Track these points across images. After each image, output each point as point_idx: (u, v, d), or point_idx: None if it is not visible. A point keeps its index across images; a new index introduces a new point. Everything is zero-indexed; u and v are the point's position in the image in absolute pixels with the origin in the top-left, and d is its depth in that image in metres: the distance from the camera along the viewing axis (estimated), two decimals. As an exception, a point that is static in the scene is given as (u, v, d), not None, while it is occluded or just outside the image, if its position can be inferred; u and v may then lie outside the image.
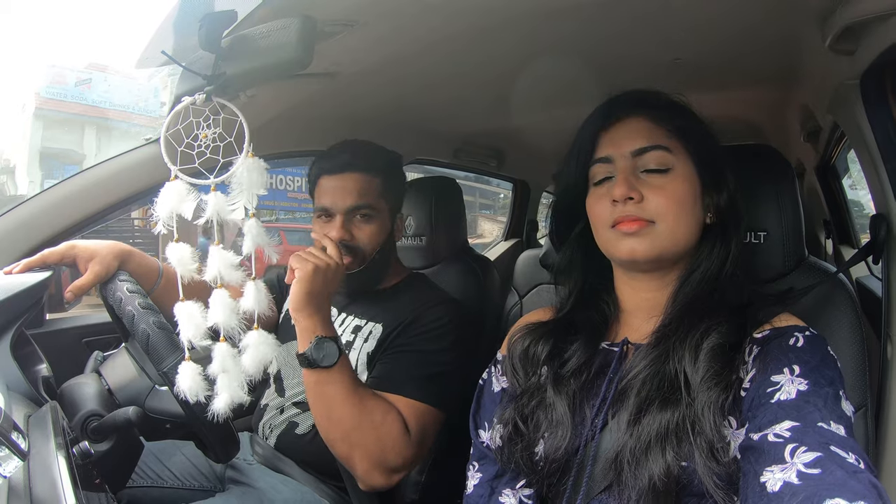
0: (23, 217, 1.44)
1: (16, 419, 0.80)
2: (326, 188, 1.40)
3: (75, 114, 19.43)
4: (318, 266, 1.21)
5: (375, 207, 1.41)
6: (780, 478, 0.67)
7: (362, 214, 1.39)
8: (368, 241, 1.40)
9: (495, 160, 2.65)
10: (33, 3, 46.44)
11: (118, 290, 1.12)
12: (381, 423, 1.20)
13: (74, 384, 1.09)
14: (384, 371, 1.33)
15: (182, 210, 0.85)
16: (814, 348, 0.80)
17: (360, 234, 1.39)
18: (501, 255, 2.94)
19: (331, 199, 1.39)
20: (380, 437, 1.20)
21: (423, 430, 1.26)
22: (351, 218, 1.39)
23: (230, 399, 0.92)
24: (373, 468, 1.21)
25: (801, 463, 0.67)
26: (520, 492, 0.98)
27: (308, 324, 1.19)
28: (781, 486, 0.67)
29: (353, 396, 1.19)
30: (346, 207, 1.38)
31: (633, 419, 0.84)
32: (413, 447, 1.23)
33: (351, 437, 1.21)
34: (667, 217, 0.88)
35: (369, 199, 1.39)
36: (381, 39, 1.15)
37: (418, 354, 1.33)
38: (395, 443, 1.21)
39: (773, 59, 1.40)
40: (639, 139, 0.91)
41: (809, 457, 0.67)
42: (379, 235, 1.41)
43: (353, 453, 1.21)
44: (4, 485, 0.68)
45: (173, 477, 1.45)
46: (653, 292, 0.95)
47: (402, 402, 1.26)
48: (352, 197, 1.38)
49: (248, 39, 0.90)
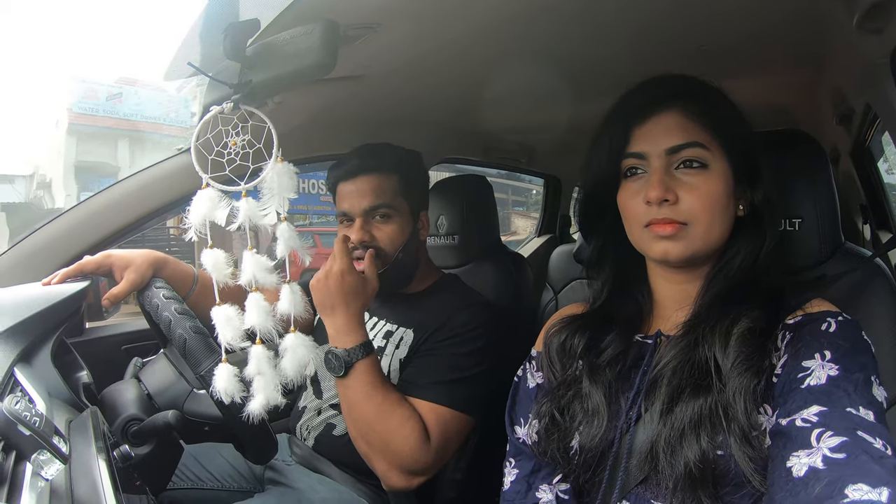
0: (61, 229, 1.48)
1: (57, 424, 0.82)
2: (344, 193, 1.42)
3: (108, 127, 19.83)
4: (318, 278, 1.24)
5: (394, 206, 1.41)
6: (806, 463, 0.67)
7: (381, 214, 1.41)
8: (389, 241, 1.40)
9: (525, 156, 2.64)
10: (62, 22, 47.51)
11: (154, 296, 1.14)
12: (399, 427, 1.22)
13: (114, 390, 1.12)
14: (411, 375, 1.34)
15: (215, 217, 0.87)
16: (846, 333, 0.79)
17: (381, 235, 1.40)
18: (535, 252, 2.92)
19: (348, 203, 1.41)
20: (396, 441, 1.22)
21: (445, 436, 1.26)
22: (370, 219, 1.40)
23: (266, 401, 0.93)
24: (390, 469, 1.24)
25: (827, 448, 0.67)
26: (557, 487, 0.97)
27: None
28: (807, 471, 0.67)
29: (371, 400, 1.21)
30: (363, 209, 1.39)
31: (665, 409, 0.83)
32: (433, 453, 1.24)
33: (368, 438, 1.23)
34: (701, 219, 0.87)
35: (386, 199, 1.40)
36: (405, 41, 1.15)
37: (446, 359, 1.33)
38: (412, 448, 1.22)
39: (800, 41, 1.37)
40: (674, 136, 0.89)
41: (835, 441, 0.67)
42: (400, 235, 1.42)
43: (371, 453, 1.24)
44: (46, 487, 0.69)
45: (213, 478, 1.47)
46: (685, 283, 0.94)
47: (425, 407, 1.27)
48: (368, 198, 1.39)
49: (272, 47, 0.91)
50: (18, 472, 0.70)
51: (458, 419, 1.29)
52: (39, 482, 0.69)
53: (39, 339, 1.09)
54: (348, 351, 1.22)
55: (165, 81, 18.55)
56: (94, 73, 43.65)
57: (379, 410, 1.21)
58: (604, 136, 0.95)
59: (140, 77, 29.37)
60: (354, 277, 1.26)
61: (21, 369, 0.98)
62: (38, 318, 1.10)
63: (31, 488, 0.67)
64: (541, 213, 3.17)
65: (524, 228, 14.71)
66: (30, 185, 22.12)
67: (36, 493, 0.67)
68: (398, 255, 1.42)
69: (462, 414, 1.29)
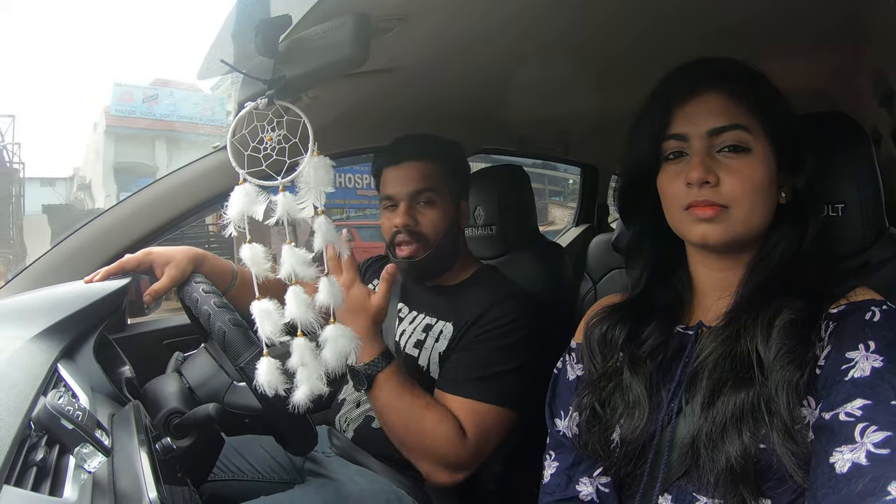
0: (101, 228, 1.51)
1: (100, 418, 0.84)
2: (389, 178, 1.46)
3: (144, 129, 20.28)
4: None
5: (438, 192, 1.44)
6: (849, 458, 0.66)
7: (425, 200, 1.44)
8: (432, 227, 1.43)
9: (562, 145, 2.61)
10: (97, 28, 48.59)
11: (194, 291, 1.16)
12: (434, 429, 1.23)
13: (156, 384, 1.14)
14: (448, 371, 1.35)
15: (253, 212, 0.87)
16: (891, 323, 0.76)
17: (424, 220, 1.43)
18: (573, 242, 2.90)
19: (394, 188, 1.44)
20: (433, 441, 1.23)
21: (484, 431, 1.27)
22: (414, 204, 1.43)
23: (310, 391, 0.94)
24: (433, 469, 1.26)
25: (871, 443, 0.65)
26: (597, 480, 0.96)
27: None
28: (850, 467, 0.65)
29: (400, 407, 1.23)
30: (408, 193, 1.43)
31: (706, 402, 0.82)
32: (472, 449, 1.25)
33: (405, 442, 1.26)
34: (742, 202, 0.84)
35: (430, 184, 1.43)
36: (436, 32, 1.15)
37: (484, 353, 1.33)
38: (449, 446, 1.23)
39: (838, 20, 1.33)
40: (717, 117, 0.86)
41: (879, 436, 0.65)
42: (443, 221, 1.44)
43: (413, 455, 1.27)
44: (89, 480, 0.70)
45: (253, 470, 1.49)
46: (726, 271, 0.92)
47: (462, 403, 1.27)
48: (413, 182, 1.43)
49: (304, 41, 0.92)
50: (62, 465, 0.72)
51: (497, 413, 1.29)
52: (82, 475, 0.70)
53: (82, 335, 1.12)
54: (368, 365, 1.23)
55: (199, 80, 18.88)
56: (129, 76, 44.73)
57: (410, 415, 1.23)
58: (645, 117, 0.93)
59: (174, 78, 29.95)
60: (359, 291, 1.26)
61: (64, 365, 1.00)
62: (81, 315, 1.13)
63: (74, 481, 0.69)
64: (578, 203, 3.13)
65: (561, 218, 14.61)
66: (70, 187, 22.78)
67: (79, 485, 0.69)
68: (440, 241, 1.44)
69: (501, 408, 1.29)
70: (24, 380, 0.86)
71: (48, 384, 0.91)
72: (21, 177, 18.42)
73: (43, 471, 0.70)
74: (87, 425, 0.71)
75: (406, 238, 1.42)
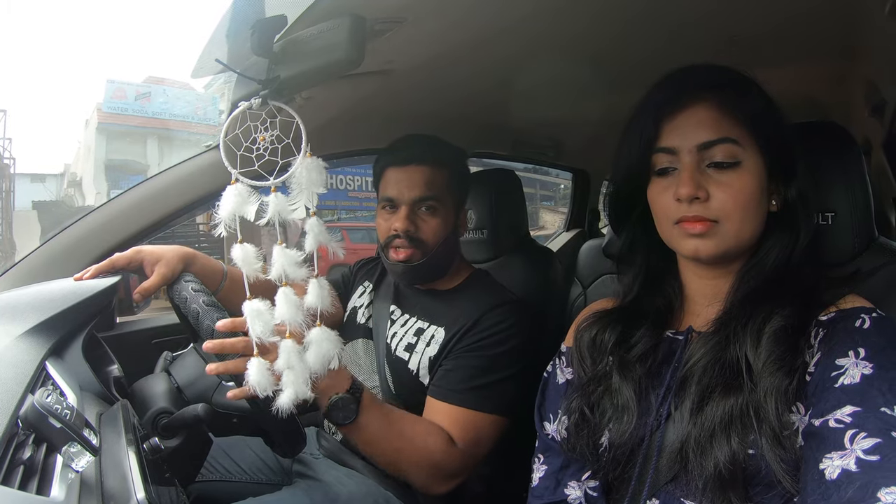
0: (92, 225, 1.50)
1: (88, 417, 0.83)
2: (392, 179, 1.42)
3: (137, 126, 20.18)
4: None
5: (441, 200, 1.41)
6: (839, 465, 0.66)
7: (428, 207, 1.40)
8: (433, 234, 1.40)
9: (554, 150, 2.61)
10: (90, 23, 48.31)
11: (183, 290, 1.16)
12: (423, 444, 1.22)
13: (144, 383, 1.13)
14: (441, 378, 1.34)
15: (244, 212, 0.87)
16: (880, 330, 0.76)
17: (425, 227, 1.40)
18: (564, 246, 2.90)
19: (397, 190, 1.40)
20: (425, 457, 1.22)
21: (475, 438, 1.26)
22: (416, 210, 1.40)
23: (294, 395, 0.94)
24: (428, 482, 1.25)
25: (861, 449, 0.66)
26: (585, 483, 0.97)
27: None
28: (839, 473, 0.66)
29: (387, 434, 1.19)
30: (412, 199, 1.39)
31: (695, 407, 0.82)
32: (464, 456, 1.24)
33: (397, 465, 1.23)
34: (733, 217, 0.84)
35: (435, 192, 1.40)
36: (432, 35, 1.15)
37: (476, 360, 1.32)
38: (441, 458, 1.22)
39: (831, 31, 1.34)
40: (706, 131, 0.85)
41: (869, 443, 0.66)
42: (443, 229, 1.42)
43: (405, 474, 1.24)
44: (77, 479, 0.70)
45: (241, 471, 1.49)
46: (717, 279, 0.92)
47: (456, 412, 1.27)
48: (418, 189, 1.39)
49: (299, 42, 0.92)
50: (49, 464, 0.71)
51: (488, 421, 1.28)
52: (70, 474, 0.70)
53: (71, 333, 1.11)
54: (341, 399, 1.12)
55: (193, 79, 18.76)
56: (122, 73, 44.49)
57: (398, 437, 1.20)
58: (633, 128, 0.92)
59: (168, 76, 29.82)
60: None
61: (53, 363, 1.00)
62: (70, 313, 1.12)
63: (61, 480, 0.69)
64: (569, 208, 3.14)
65: (552, 223, 14.62)
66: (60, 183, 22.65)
67: (66, 484, 0.68)
68: (437, 248, 1.41)
69: (492, 416, 1.29)
70: (11, 377, 0.86)
71: (36, 382, 0.90)
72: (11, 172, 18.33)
73: (30, 469, 0.69)
74: (74, 424, 0.71)
75: (404, 243, 1.38)
